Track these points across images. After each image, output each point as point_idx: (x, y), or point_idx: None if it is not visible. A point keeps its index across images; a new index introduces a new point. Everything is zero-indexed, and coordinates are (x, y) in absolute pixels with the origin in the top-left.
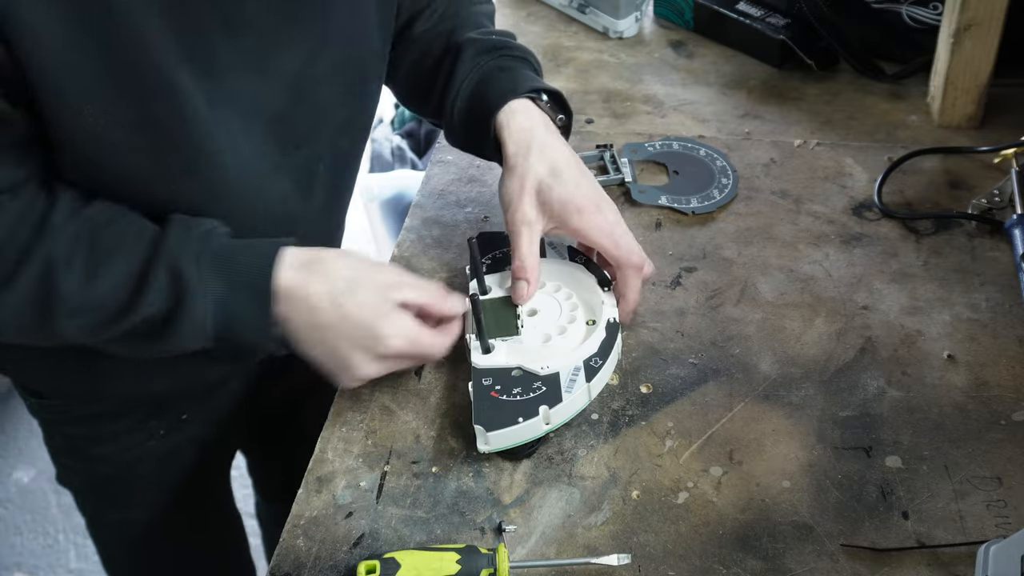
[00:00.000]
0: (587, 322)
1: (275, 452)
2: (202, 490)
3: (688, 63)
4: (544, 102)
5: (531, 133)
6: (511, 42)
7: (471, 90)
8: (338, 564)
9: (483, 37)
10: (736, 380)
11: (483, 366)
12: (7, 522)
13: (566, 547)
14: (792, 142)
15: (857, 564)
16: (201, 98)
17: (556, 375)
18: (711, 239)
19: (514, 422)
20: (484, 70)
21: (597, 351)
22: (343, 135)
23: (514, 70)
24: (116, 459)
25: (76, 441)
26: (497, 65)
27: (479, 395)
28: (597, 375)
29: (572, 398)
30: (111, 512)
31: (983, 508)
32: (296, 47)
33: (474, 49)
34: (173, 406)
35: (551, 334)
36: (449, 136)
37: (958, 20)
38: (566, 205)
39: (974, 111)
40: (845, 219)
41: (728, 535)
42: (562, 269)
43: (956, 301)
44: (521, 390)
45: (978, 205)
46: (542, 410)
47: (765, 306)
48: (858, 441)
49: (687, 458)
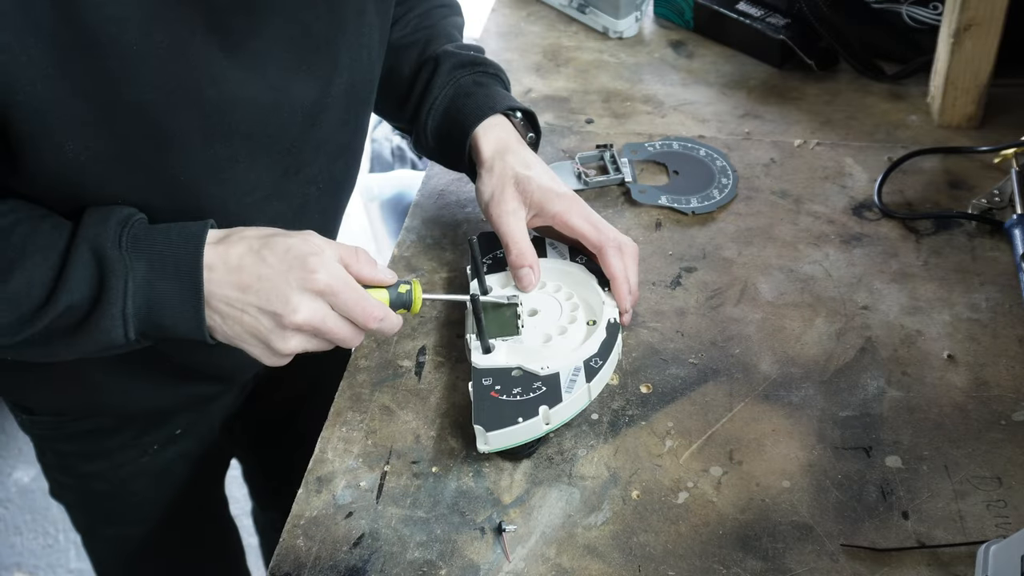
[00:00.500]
0: (588, 322)
1: (269, 461)
2: (197, 503)
3: (688, 63)
4: (518, 119)
5: (506, 142)
6: (484, 58)
7: (447, 104)
8: (338, 564)
9: (459, 51)
10: (736, 380)
11: (483, 366)
12: (7, 522)
13: (566, 547)
14: (792, 142)
15: (857, 564)
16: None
17: (556, 375)
18: (711, 239)
19: (514, 422)
20: (460, 85)
21: (597, 351)
22: (339, 159)
23: (489, 87)
24: (110, 475)
25: (69, 458)
26: (473, 80)
27: (479, 395)
28: (597, 375)
29: (572, 398)
30: (106, 528)
31: (983, 508)
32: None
33: (451, 63)
34: (167, 421)
35: (552, 334)
36: (418, 146)
37: (958, 20)
38: (545, 192)
39: (974, 111)
40: (845, 219)
41: (728, 535)
42: (563, 269)
43: (956, 301)
44: (521, 390)
45: (978, 205)
46: (542, 410)
47: (765, 306)
48: (858, 441)
49: (687, 458)
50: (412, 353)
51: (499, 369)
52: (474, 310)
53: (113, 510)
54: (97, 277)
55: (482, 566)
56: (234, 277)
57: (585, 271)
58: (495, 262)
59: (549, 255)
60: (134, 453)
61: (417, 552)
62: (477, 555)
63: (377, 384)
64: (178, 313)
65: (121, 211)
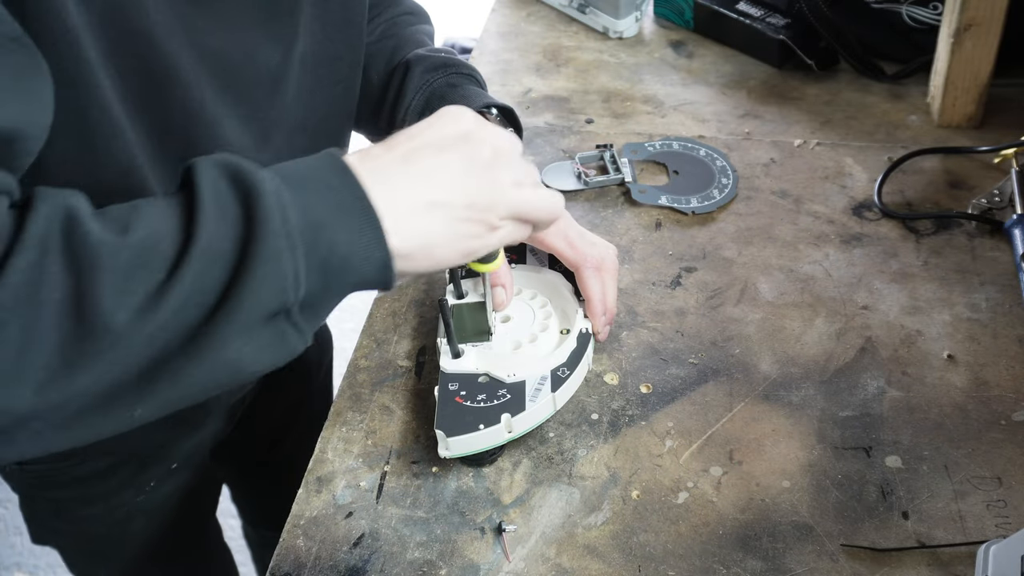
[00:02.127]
0: (561, 331)
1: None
2: (194, 535)
3: (688, 63)
4: (494, 116)
5: None
6: (457, 59)
7: (422, 108)
8: (338, 564)
9: (430, 55)
10: (736, 380)
11: (451, 371)
12: (7, 522)
13: (566, 547)
14: (792, 142)
15: (857, 564)
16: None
17: (522, 383)
18: (711, 239)
19: (475, 429)
20: (434, 87)
21: (566, 361)
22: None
23: (462, 87)
24: (106, 518)
25: (63, 503)
26: (447, 82)
27: (443, 399)
28: (563, 385)
29: (536, 408)
30: (101, 569)
31: (983, 508)
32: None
33: (423, 67)
34: (166, 455)
35: (522, 341)
36: None
37: (958, 20)
38: None
39: (974, 111)
40: (845, 219)
41: (728, 535)
42: (541, 277)
43: (956, 301)
44: (486, 397)
45: (978, 205)
46: (504, 418)
47: (765, 306)
48: (858, 441)
49: (687, 458)
50: (412, 353)
51: (466, 375)
52: (443, 314)
53: (108, 551)
54: (241, 195)
55: (482, 566)
56: (389, 142)
57: (563, 280)
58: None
59: (528, 261)
60: (131, 493)
61: (417, 552)
62: (477, 555)
63: (377, 384)
64: (347, 225)
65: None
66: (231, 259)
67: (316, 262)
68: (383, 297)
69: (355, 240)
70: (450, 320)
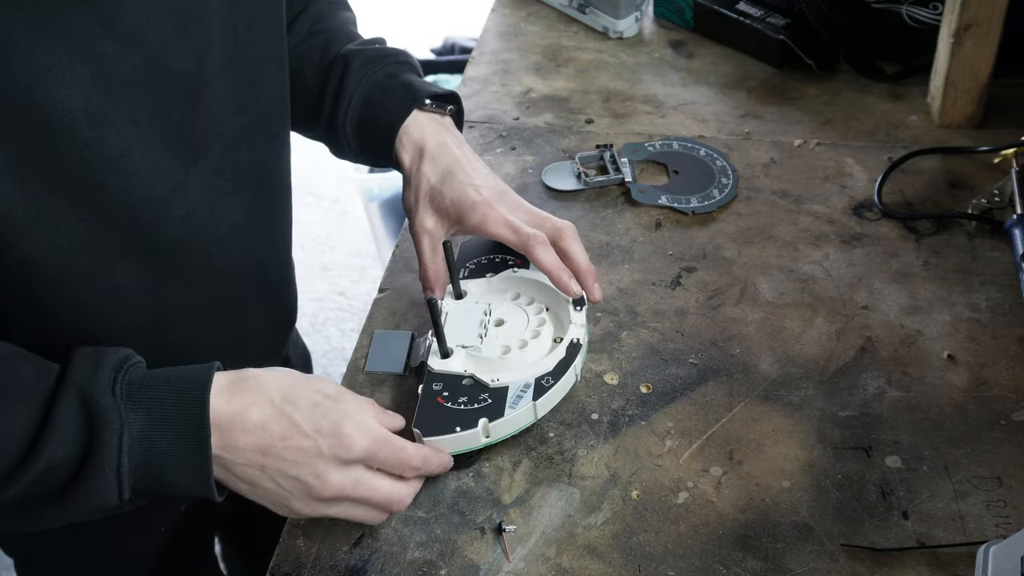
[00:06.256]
0: (555, 339)
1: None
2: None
3: (688, 63)
4: (428, 104)
5: (421, 144)
6: (390, 48)
7: (362, 103)
8: (338, 564)
9: (365, 47)
10: (736, 380)
11: (437, 370)
12: None
13: (566, 547)
14: (792, 142)
15: (857, 564)
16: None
17: (505, 389)
18: (711, 239)
19: (452, 430)
20: (374, 80)
21: (551, 371)
22: (240, 146)
23: (401, 76)
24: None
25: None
26: (385, 72)
27: (426, 399)
28: (546, 394)
29: (515, 415)
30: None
31: (983, 508)
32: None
33: (360, 60)
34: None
35: (511, 346)
36: (340, 150)
37: (958, 20)
38: (458, 207)
39: (974, 111)
40: (845, 219)
41: (728, 535)
42: (540, 282)
43: (956, 301)
44: (467, 399)
45: (978, 205)
46: (481, 423)
47: (765, 306)
48: (858, 441)
49: (687, 458)
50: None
51: (451, 375)
52: (432, 314)
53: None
54: (86, 431)
55: (482, 566)
56: (254, 439)
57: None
58: (477, 267)
59: (531, 266)
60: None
61: (417, 552)
62: (477, 555)
63: (377, 384)
64: (181, 469)
65: (116, 354)
66: (65, 479)
67: (144, 485)
68: (383, 297)
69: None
70: (440, 320)
